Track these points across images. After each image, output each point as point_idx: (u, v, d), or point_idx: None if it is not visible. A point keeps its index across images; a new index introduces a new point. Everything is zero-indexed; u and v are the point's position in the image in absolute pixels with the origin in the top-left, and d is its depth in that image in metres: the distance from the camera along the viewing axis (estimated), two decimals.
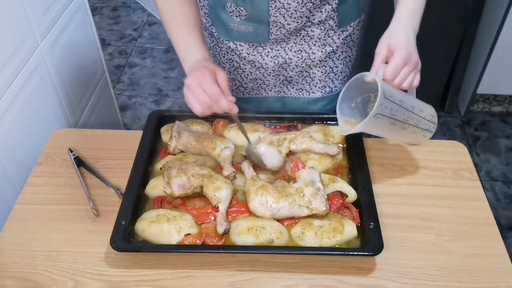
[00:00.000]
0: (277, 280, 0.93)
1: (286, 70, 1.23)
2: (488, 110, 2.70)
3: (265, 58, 1.19)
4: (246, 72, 1.24)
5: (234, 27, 1.15)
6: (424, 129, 1.04)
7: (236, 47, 1.19)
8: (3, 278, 0.93)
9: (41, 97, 1.42)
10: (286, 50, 1.18)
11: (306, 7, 1.08)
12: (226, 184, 1.00)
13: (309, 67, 1.23)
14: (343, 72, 1.28)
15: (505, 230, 2.11)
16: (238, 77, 1.27)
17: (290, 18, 1.10)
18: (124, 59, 3.09)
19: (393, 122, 0.96)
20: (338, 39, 1.20)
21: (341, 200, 0.99)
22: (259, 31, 1.13)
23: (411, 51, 0.94)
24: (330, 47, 1.20)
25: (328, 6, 1.12)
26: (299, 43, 1.18)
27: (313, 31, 1.16)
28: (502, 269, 0.94)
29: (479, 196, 1.08)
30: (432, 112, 1.07)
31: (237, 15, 1.11)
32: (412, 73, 0.94)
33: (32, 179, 1.13)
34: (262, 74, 1.24)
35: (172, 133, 1.11)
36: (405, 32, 0.97)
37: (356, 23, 1.22)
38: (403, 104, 0.96)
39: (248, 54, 1.19)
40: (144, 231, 0.96)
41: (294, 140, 1.09)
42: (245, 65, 1.23)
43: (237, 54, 1.21)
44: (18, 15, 1.29)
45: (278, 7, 1.07)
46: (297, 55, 1.20)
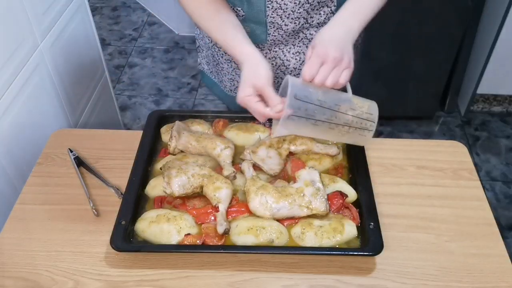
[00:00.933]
0: (277, 280, 0.93)
1: (284, 72, 1.23)
2: (488, 110, 2.70)
3: None
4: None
5: None
6: (359, 127, 1.01)
7: None
8: (3, 278, 0.93)
9: (41, 97, 1.42)
10: (284, 51, 1.18)
11: (303, 8, 1.08)
12: (226, 184, 1.00)
13: None
14: None
15: (505, 230, 2.11)
16: (236, 77, 1.26)
17: (287, 19, 1.10)
18: (124, 59, 3.09)
19: (314, 123, 0.94)
20: None
21: (341, 200, 0.99)
22: (256, 31, 1.13)
23: (329, 48, 0.91)
24: None
25: (327, 9, 1.12)
26: (298, 45, 1.17)
27: (312, 33, 1.16)
28: (502, 269, 0.94)
29: (479, 196, 1.08)
30: (372, 109, 1.02)
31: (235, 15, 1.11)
32: (334, 70, 0.91)
33: (32, 179, 1.13)
34: None
35: (172, 133, 1.11)
36: (331, 31, 0.95)
37: None
38: (324, 104, 0.93)
39: None
40: (144, 231, 0.96)
41: (294, 141, 1.09)
42: None
43: None
44: (18, 15, 1.29)
45: (275, 8, 1.07)
46: (295, 57, 1.19)
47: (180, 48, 3.19)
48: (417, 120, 2.63)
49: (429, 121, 2.64)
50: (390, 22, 2.12)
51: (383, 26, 2.18)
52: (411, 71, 2.36)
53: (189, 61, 3.06)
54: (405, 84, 2.41)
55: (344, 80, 0.93)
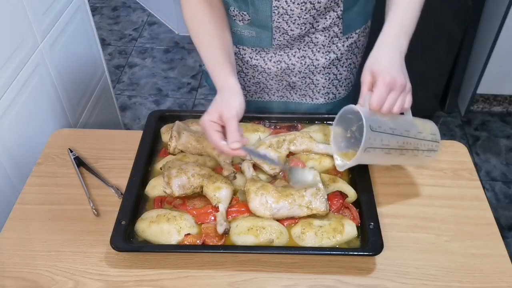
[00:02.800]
0: (277, 280, 0.93)
1: (289, 75, 1.22)
2: (488, 110, 2.70)
3: (268, 63, 1.19)
4: (248, 75, 1.24)
5: (237, 31, 1.14)
6: (426, 149, 0.99)
7: (238, 50, 1.18)
8: (3, 278, 0.93)
9: (41, 97, 1.42)
10: (289, 55, 1.18)
11: (310, 13, 1.07)
12: (226, 184, 1.00)
13: (313, 73, 1.22)
14: (347, 79, 1.27)
15: (505, 230, 2.11)
16: (240, 80, 1.26)
17: (294, 25, 1.09)
18: (124, 59, 3.09)
19: (388, 152, 0.92)
20: (342, 46, 1.18)
21: (341, 200, 0.99)
22: (262, 36, 1.13)
23: (395, 76, 0.89)
24: (334, 54, 1.19)
25: (333, 13, 1.10)
26: (303, 49, 1.17)
27: (317, 37, 1.15)
28: (502, 269, 0.94)
29: (479, 196, 1.08)
30: (433, 129, 1.00)
31: (240, 19, 1.11)
32: (401, 96, 0.90)
33: (32, 179, 1.13)
34: (264, 78, 1.24)
35: (172, 133, 1.11)
36: (388, 55, 0.92)
37: (362, 29, 1.20)
38: (396, 131, 0.92)
39: (250, 58, 1.19)
40: (144, 231, 0.96)
41: (294, 141, 1.09)
42: (248, 69, 1.22)
43: (239, 58, 1.20)
44: (18, 15, 1.29)
45: (281, 13, 1.06)
46: (300, 61, 1.19)
47: (180, 48, 3.19)
48: None
49: None
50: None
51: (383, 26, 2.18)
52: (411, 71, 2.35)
53: (189, 61, 3.06)
54: None
55: (408, 105, 0.91)
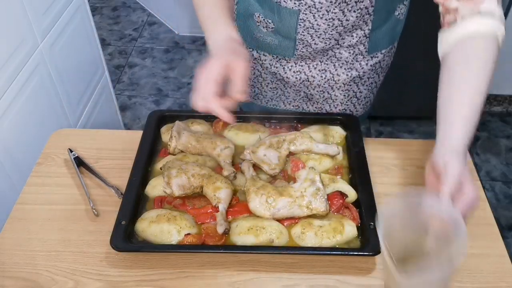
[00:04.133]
0: (277, 280, 0.93)
1: (307, 87, 1.21)
2: (488, 110, 2.70)
3: (288, 72, 1.18)
4: (267, 81, 1.22)
5: (260, 37, 1.13)
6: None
7: (259, 56, 1.17)
8: (3, 278, 0.93)
9: (41, 97, 1.42)
10: (310, 67, 1.16)
11: (336, 30, 1.05)
12: (226, 184, 1.00)
13: (332, 88, 1.20)
14: (366, 97, 1.25)
15: (505, 230, 2.11)
16: (258, 85, 1.25)
17: (318, 39, 1.07)
18: (124, 59, 3.09)
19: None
20: (366, 65, 1.16)
21: (341, 200, 0.99)
22: (284, 45, 1.11)
23: (475, 192, 0.75)
24: (357, 71, 1.17)
25: (360, 31, 1.08)
26: (325, 62, 1.15)
27: (341, 53, 1.12)
28: (502, 269, 0.94)
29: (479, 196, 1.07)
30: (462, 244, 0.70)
31: (264, 26, 1.10)
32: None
33: (32, 179, 1.13)
34: (283, 86, 1.22)
35: (172, 133, 1.11)
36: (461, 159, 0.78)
37: (388, 50, 1.17)
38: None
39: (270, 65, 1.18)
40: (144, 231, 0.96)
41: (294, 141, 1.09)
42: (267, 75, 1.21)
43: (259, 63, 1.19)
44: (18, 15, 1.29)
45: (307, 27, 1.05)
46: (320, 74, 1.17)
47: (180, 48, 3.19)
48: (417, 120, 2.63)
49: (429, 121, 2.64)
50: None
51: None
52: (411, 71, 2.36)
53: (189, 61, 3.06)
54: (405, 84, 2.41)
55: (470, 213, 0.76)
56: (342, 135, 1.16)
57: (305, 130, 1.16)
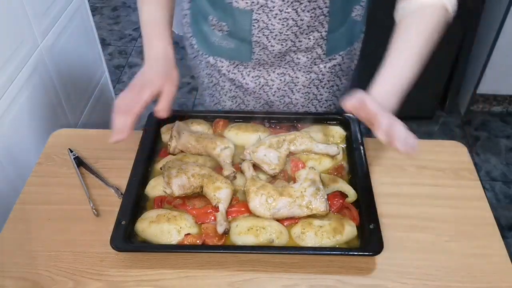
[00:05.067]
0: (277, 280, 0.93)
1: (267, 93, 1.20)
2: (488, 110, 2.70)
3: (246, 78, 1.16)
4: (225, 89, 1.21)
5: (215, 41, 1.11)
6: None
7: (216, 62, 1.15)
8: (3, 278, 0.93)
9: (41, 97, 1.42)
10: (268, 71, 1.15)
11: (291, 30, 1.05)
12: (226, 184, 1.00)
13: (292, 91, 1.20)
14: (328, 100, 1.25)
15: (505, 230, 2.11)
16: (216, 94, 1.23)
17: (274, 40, 1.06)
18: (124, 59, 3.09)
19: None
20: (324, 68, 1.16)
21: (341, 200, 0.99)
22: (241, 49, 1.10)
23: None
24: (316, 74, 1.17)
25: (317, 34, 1.08)
26: (283, 66, 1.14)
27: (299, 58, 1.12)
28: (502, 269, 0.94)
29: (479, 196, 1.08)
30: None
31: (219, 29, 1.08)
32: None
33: (32, 179, 1.13)
34: (242, 93, 1.21)
35: (172, 133, 1.11)
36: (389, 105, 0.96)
37: (346, 52, 1.17)
38: None
39: (228, 72, 1.16)
40: (144, 231, 0.96)
41: (294, 141, 1.09)
42: (225, 82, 1.19)
43: (216, 70, 1.17)
44: (18, 15, 1.29)
45: (262, 28, 1.04)
46: (279, 77, 1.16)
47: (180, 48, 3.18)
48: (417, 120, 2.63)
49: (429, 121, 2.64)
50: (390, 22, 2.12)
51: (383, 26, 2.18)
52: None
53: None
54: None
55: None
56: (342, 135, 1.16)
57: (305, 130, 1.16)
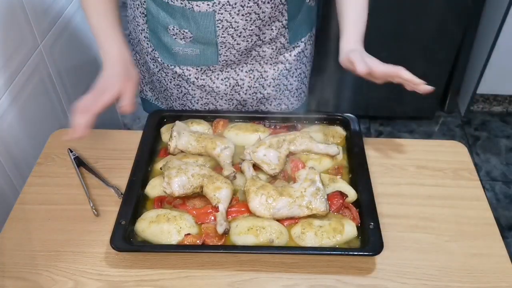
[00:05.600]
0: (277, 280, 0.93)
1: (238, 93, 1.20)
2: (488, 110, 2.70)
3: (216, 82, 1.16)
4: (196, 97, 1.20)
5: (179, 51, 1.11)
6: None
7: (183, 72, 1.15)
8: (3, 278, 0.93)
9: (41, 97, 1.42)
10: (237, 71, 1.15)
11: (255, 24, 1.05)
12: (226, 184, 1.00)
13: (263, 87, 1.20)
14: (298, 89, 1.26)
15: (505, 230, 2.11)
16: (188, 103, 1.23)
17: (239, 38, 1.06)
18: None
19: None
20: (290, 56, 1.17)
21: (341, 200, 0.99)
22: (207, 53, 1.09)
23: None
24: (283, 64, 1.18)
25: (278, 23, 1.09)
26: (250, 63, 1.15)
27: (264, 51, 1.13)
28: (502, 269, 0.94)
29: (479, 196, 1.08)
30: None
31: (181, 38, 1.08)
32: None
33: (32, 179, 1.13)
34: (214, 98, 1.20)
35: (172, 133, 1.11)
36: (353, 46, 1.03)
37: (307, 37, 1.19)
38: None
39: (196, 79, 1.15)
40: (144, 231, 0.96)
41: (294, 141, 1.09)
42: (195, 91, 1.19)
43: (184, 80, 1.16)
44: (18, 15, 1.29)
45: (226, 27, 1.04)
46: (249, 75, 1.16)
47: None
48: (417, 120, 2.63)
49: (429, 121, 2.64)
50: (390, 22, 2.12)
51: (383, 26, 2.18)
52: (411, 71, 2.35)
53: None
54: None
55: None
56: (342, 135, 1.16)
57: (305, 130, 1.16)
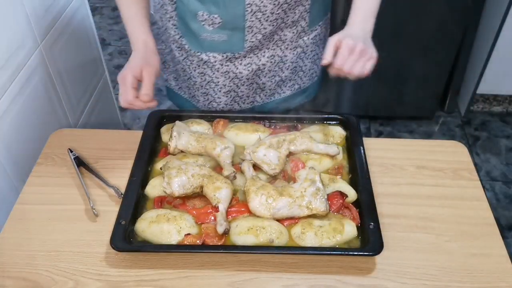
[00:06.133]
0: (277, 280, 0.93)
1: (259, 76, 1.21)
2: (488, 110, 2.70)
3: (239, 67, 1.17)
4: (219, 85, 1.21)
5: (206, 37, 1.12)
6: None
7: (208, 58, 1.16)
8: (3, 278, 0.93)
9: (41, 97, 1.42)
10: (259, 56, 1.17)
11: (281, 8, 1.07)
12: (226, 184, 1.00)
13: (281, 70, 1.22)
14: (311, 69, 1.29)
15: (505, 230, 2.11)
16: (211, 91, 1.24)
17: (266, 22, 1.08)
18: (124, 59, 3.09)
19: None
20: (308, 40, 1.20)
21: (341, 200, 0.99)
22: (233, 39, 1.11)
23: (356, 41, 0.98)
24: (301, 48, 1.20)
25: (302, 7, 1.12)
26: (272, 48, 1.17)
27: (286, 35, 1.15)
28: (502, 269, 0.94)
29: (479, 196, 1.08)
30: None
31: (209, 24, 1.09)
32: (362, 60, 0.98)
33: (32, 179, 1.13)
34: (236, 85, 1.22)
35: (172, 133, 1.11)
36: (354, 32, 1.03)
37: (324, 21, 1.22)
38: None
39: (221, 65, 1.17)
40: (144, 231, 0.96)
41: (294, 141, 1.09)
42: (218, 78, 1.20)
43: (209, 67, 1.18)
44: (18, 15, 1.29)
45: (254, 11, 1.05)
46: (270, 60, 1.19)
47: None
48: (417, 120, 2.63)
49: (429, 121, 2.64)
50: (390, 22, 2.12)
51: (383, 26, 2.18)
52: (411, 71, 2.36)
53: None
54: (405, 84, 2.41)
55: (368, 69, 0.99)
56: (342, 135, 1.16)
57: (305, 130, 1.16)
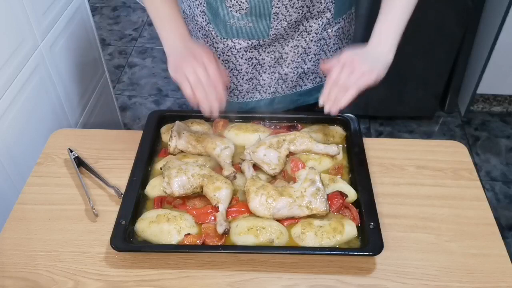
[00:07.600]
0: (277, 280, 0.93)
1: (281, 66, 1.23)
2: (488, 110, 2.70)
3: (262, 54, 1.19)
4: (242, 72, 1.23)
5: (233, 23, 1.13)
6: None
7: (234, 45, 1.17)
8: (3, 278, 0.93)
9: (41, 97, 1.42)
10: (283, 45, 1.18)
11: None
12: (226, 184, 1.00)
13: (304, 61, 1.24)
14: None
15: (505, 230, 2.11)
16: (233, 79, 1.25)
17: (292, 9, 1.09)
18: (124, 59, 3.09)
19: None
20: (331, 32, 1.21)
21: (341, 200, 0.99)
22: (259, 26, 1.12)
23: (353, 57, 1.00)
24: (324, 40, 1.21)
25: None
26: (296, 38, 1.18)
27: (311, 26, 1.16)
28: (502, 269, 0.94)
29: (479, 196, 1.08)
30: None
31: (237, 10, 1.10)
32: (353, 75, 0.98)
33: (32, 179, 1.13)
34: (258, 72, 1.23)
35: (172, 133, 1.11)
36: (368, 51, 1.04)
37: (347, 15, 1.23)
38: None
39: (246, 52, 1.18)
40: (144, 231, 0.96)
41: (294, 141, 1.09)
42: (241, 65, 1.21)
43: (233, 54, 1.19)
44: (18, 15, 1.29)
45: None
46: (293, 50, 1.20)
47: None
48: (417, 120, 2.63)
49: (429, 121, 2.64)
50: None
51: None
52: (411, 71, 2.36)
53: None
54: (405, 84, 2.41)
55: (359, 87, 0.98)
56: (342, 135, 1.16)
57: (305, 130, 1.16)
